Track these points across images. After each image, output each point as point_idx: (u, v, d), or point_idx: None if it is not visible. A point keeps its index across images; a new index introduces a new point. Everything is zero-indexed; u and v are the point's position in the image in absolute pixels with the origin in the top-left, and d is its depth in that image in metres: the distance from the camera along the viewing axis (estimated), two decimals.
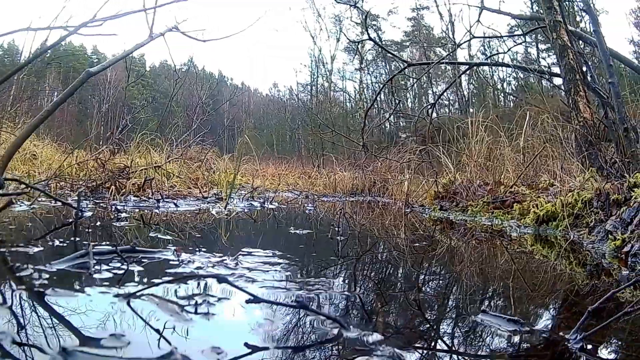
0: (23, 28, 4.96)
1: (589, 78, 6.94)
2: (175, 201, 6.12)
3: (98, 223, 3.87)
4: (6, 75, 4.53)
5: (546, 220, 5.32)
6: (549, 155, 7.79)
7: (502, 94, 38.23)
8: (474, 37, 10.00)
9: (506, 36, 14.78)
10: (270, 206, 6.81)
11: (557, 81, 9.01)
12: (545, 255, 3.92)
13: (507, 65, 8.53)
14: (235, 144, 46.68)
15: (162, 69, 57.49)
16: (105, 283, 1.99)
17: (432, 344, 1.69)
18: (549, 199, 5.77)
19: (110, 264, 2.34)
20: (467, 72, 28.90)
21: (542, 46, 35.20)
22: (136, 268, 2.33)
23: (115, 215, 4.38)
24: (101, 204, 5.39)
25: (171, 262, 2.50)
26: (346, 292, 2.16)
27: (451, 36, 40.63)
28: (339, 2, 41.11)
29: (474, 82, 37.30)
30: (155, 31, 4.97)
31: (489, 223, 6.06)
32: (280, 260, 2.70)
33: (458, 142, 9.53)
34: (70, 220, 3.55)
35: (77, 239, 3.02)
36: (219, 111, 43.81)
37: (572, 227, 4.88)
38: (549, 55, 35.79)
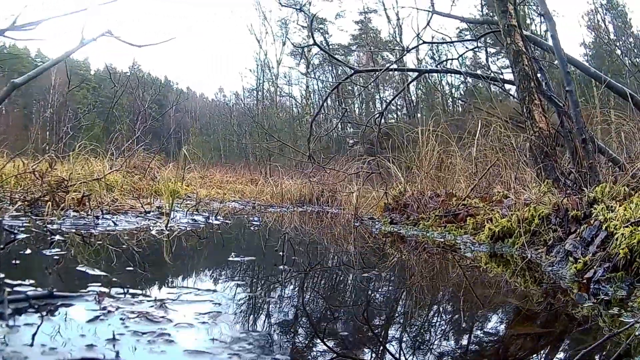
0: None
1: (544, 85, 6.78)
2: (114, 218, 5.76)
3: (28, 250, 3.49)
4: None
5: (502, 236, 5.07)
6: (502, 165, 7.65)
7: (450, 99, 38.56)
8: (424, 42, 9.81)
9: (457, 41, 14.73)
10: (215, 221, 6.48)
11: (507, 86, 8.87)
12: (499, 279, 3.68)
13: (459, 72, 8.35)
14: (181, 147, 46.46)
15: (107, 72, 56.75)
16: (10, 347, 1.67)
17: None
18: (503, 212, 5.57)
19: (25, 314, 2.04)
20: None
21: (491, 50, 35.56)
22: (50, 321, 2.00)
23: (49, 238, 4.01)
24: (38, 222, 4.99)
25: (91, 312, 2.15)
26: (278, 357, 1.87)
27: (399, 40, 40.86)
28: (284, 6, 40.86)
29: (422, 87, 37.51)
30: (88, 36, 4.68)
31: (442, 239, 5.82)
32: (214, 308, 2.35)
33: (408, 150, 9.35)
34: None
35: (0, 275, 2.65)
36: (165, 116, 43.40)
37: (529, 245, 4.63)
38: (498, 59, 36.20)
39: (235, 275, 3.37)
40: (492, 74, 7.73)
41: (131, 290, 2.54)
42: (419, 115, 38.65)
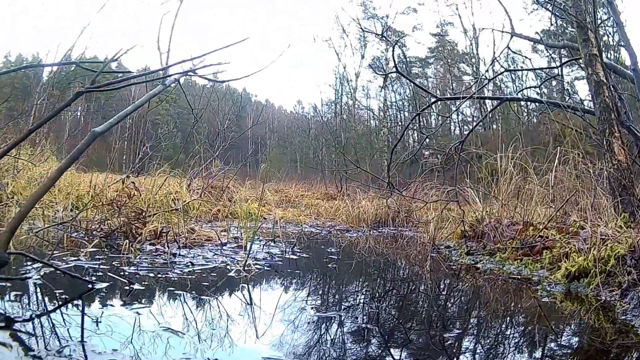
0: (30, 64, 4.87)
1: (623, 115, 6.76)
2: (191, 254, 5.77)
3: (107, 305, 3.50)
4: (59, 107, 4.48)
5: (577, 276, 5.06)
6: (578, 192, 7.61)
7: (525, 111, 38.16)
8: (506, 70, 9.91)
9: (538, 69, 14.55)
10: (292, 256, 6.50)
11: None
12: (570, 328, 3.70)
13: (539, 101, 8.37)
14: (259, 160, 47.11)
15: (186, 84, 57.79)
16: None
17: None
18: (579, 245, 5.56)
19: None
20: (490, 87, 28.86)
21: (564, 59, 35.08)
22: None
23: (127, 287, 4.02)
24: (114, 262, 5.02)
25: None
26: None
27: (475, 53, 40.60)
28: (366, 32, 41.12)
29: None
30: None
31: (518, 274, 5.83)
32: None
33: (487, 176, 9.34)
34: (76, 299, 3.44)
35: (83, 340, 2.69)
36: (243, 127, 44.03)
37: (604, 286, 4.59)
38: (572, 70, 35.58)
39: (319, 341, 3.26)
40: (574, 105, 7.71)
41: None
42: (494, 126, 38.35)
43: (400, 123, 43.56)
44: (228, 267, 5.28)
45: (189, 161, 13.13)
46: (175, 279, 4.54)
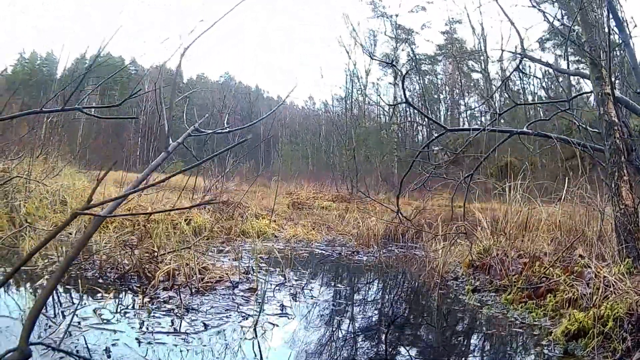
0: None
1: (632, 154, 6.81)
2: (204, 307, 5.61)
3: None
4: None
5: (576, 335, 5.04)
6: (584, 222, 7.70)
7: (532, 108, 38.32)
8: (516, 104, 9.94)
9: (552, 102, 14.60)
10: (303, 300, 6.44)
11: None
12: None
13: (549, 137, 8.37)
14: (270, 158, 47.22)
15: (200, 81, 58.03)
16: None
17: None
18: (582, 290, 5.65)
19: None
20: (500, 87, 28.98)
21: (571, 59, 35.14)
22: None
23: None
24: (130, 321, 4.85)
25: None
26: None
27: (483, 49, 40.64)
28: (374, 59, 41.21)
29: (505, 99, 37.32)
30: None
31: (521, 323, 5.93)
32: None
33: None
34: None
35: None
36: (254, 123, 44.07)
37: (599, 350, 4.58)
38: (578, 67, 35.66)
39: None
40: (583, 142, 7.78)
41: None
42: (502, 121, 38.43)
43: (409, 119, 43.62)
44: (241, 325, 5.16)
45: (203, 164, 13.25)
46: (189, 352, 4.31)
